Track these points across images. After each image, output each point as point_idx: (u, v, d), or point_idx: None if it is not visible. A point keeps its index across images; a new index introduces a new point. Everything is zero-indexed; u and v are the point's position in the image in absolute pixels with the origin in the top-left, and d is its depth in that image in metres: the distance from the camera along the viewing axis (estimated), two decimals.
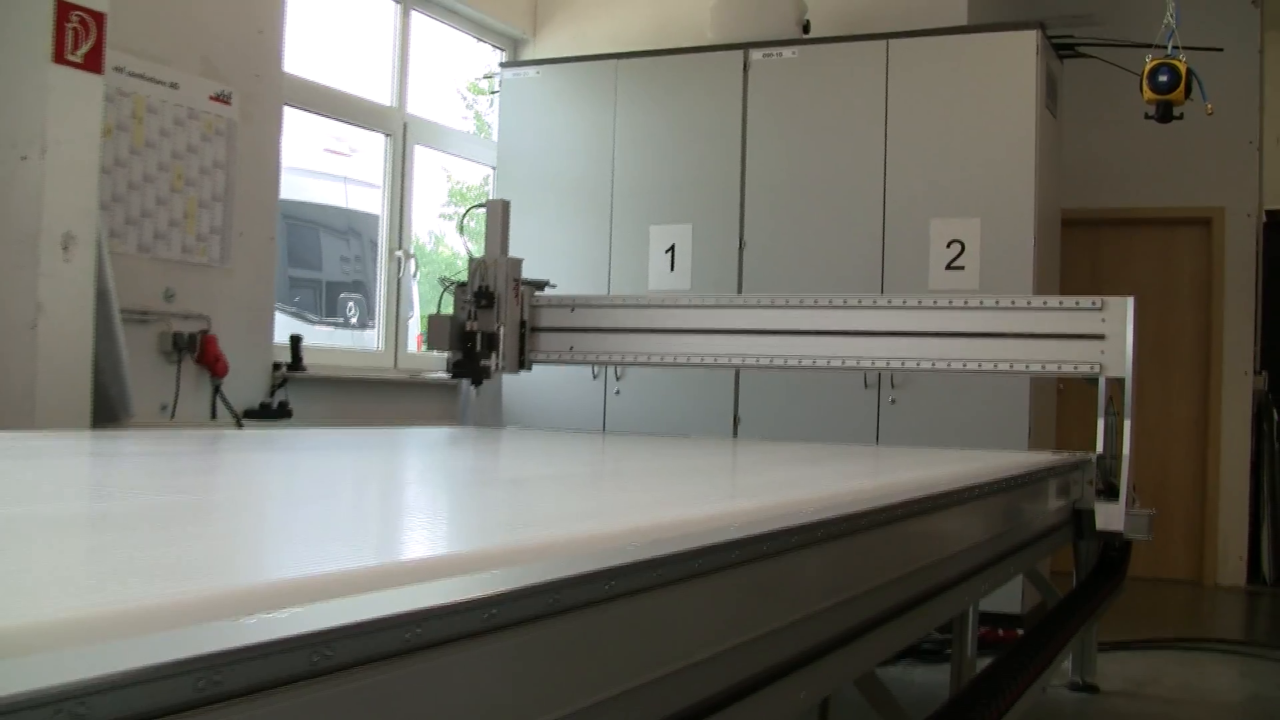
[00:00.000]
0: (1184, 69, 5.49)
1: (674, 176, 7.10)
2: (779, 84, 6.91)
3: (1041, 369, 4.89)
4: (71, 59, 4.70)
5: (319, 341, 7.13)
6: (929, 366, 5.00)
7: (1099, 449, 4.77)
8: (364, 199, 8.47)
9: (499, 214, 5.56)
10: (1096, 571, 4.68)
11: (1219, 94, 6.60)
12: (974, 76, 6.55)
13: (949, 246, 6.46)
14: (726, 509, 2.02)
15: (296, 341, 6.39)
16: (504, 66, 7.91)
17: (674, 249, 7.03)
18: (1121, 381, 4.75)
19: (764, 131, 6.92)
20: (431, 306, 5.97)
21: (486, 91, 8.35)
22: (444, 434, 5.06)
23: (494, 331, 5.43)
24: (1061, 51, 7.02)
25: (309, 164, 7.77)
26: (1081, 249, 8.54)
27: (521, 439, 4.71)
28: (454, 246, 9.22)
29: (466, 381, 5.64)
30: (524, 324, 5.54)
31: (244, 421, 6.01)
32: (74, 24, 4.70)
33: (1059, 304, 4.88)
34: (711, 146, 7.01)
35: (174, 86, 5.74)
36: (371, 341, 7.68)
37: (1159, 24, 5.87)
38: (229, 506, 1.93)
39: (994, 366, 4.92)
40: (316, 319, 8.41)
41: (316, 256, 8.95)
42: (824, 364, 5.23)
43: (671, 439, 5.05)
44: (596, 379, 7.05)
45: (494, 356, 5.45)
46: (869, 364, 5.22)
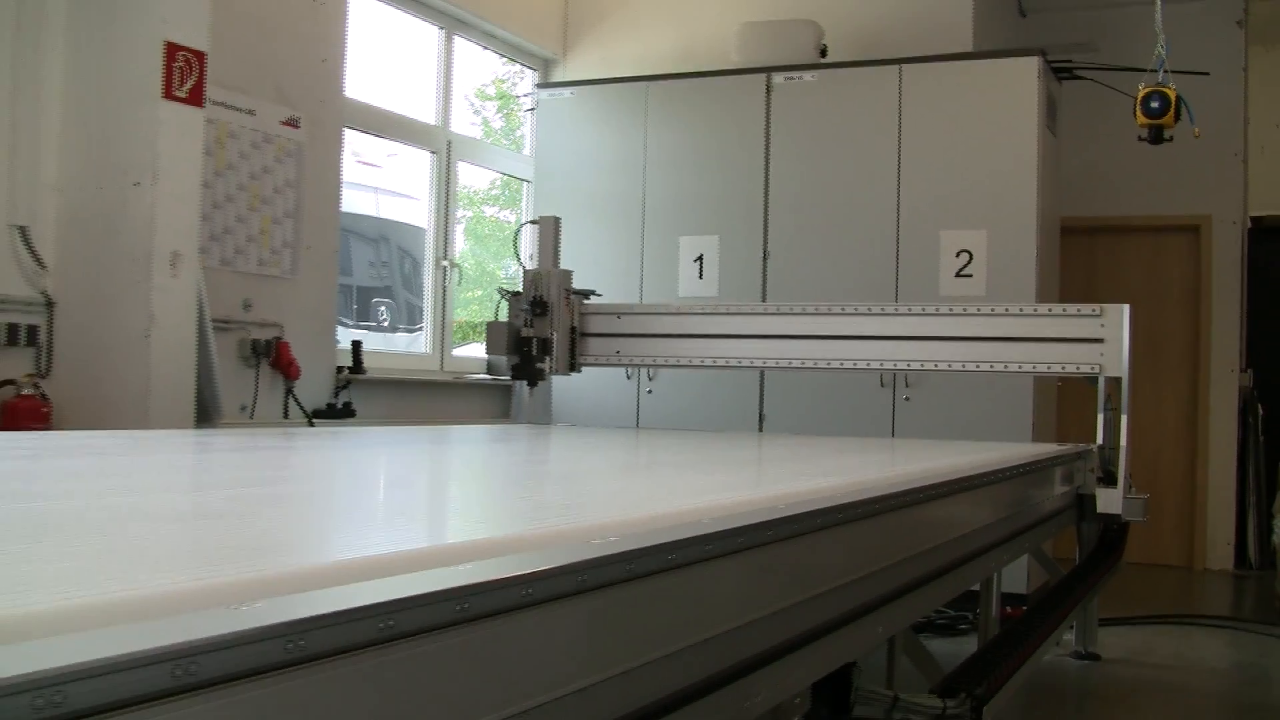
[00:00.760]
0: (1174, 96, 6.02)
1: (702, 190, 7.64)
2: (799, 105, 7.46)
3: (1047, 369, 5.45)
4: (178, 94, 5.24)
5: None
6: (945, 368, 5.55)
7: (1099, 441, 5.32)
8: (393, 208, 8.97)
9: (551, 230, 6.10)
10: (1098, 549, 5.22)
11: (1206, 109, 7.17)
12: (980, 98, 7.09)
13: (958, 255, 7.00)
14: (771, 493, 2.42)
15: (357, 346, 6.93)
16: (540, 87, 8.45)
17: (702, 258, 7.58)
18: (1119, 380, 5.30)
19: (786, 149, 7.46)
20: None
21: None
22: (505, 430, 5.60)
23: (548, 337, 5.97)
24: (1060, 75, 7.56)
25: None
26: (1079, 254, 9.07)
27: (579, 435, 5.25)
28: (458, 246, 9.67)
29: (521, 382, 6.17)
30: (574, 330, 6.07)
31: (314, 421, 6.53)
32: (180, 63, 5.24)
33: (1063, 311, 5.43)
34: (737, 163, 7.56)
35: (251, 113, 6.27)
36: (403, 344, 8.18)
37: (1149, 49, 6.38)
38: (335, 493, 2.41)
39: (1004, 367, 5.47)
40: (350, 323, 8.92)
41: (348, 262, 9.46)
42: (844, 366, 5.77)
43: (707, 434, 5.59)
44: (630, 379, 7.58)
45: (548, 360, 5.99)
46: (891, 365, 5.77)
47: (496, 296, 6.17)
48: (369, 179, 9.03)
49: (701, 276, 7.58)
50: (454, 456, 3.59)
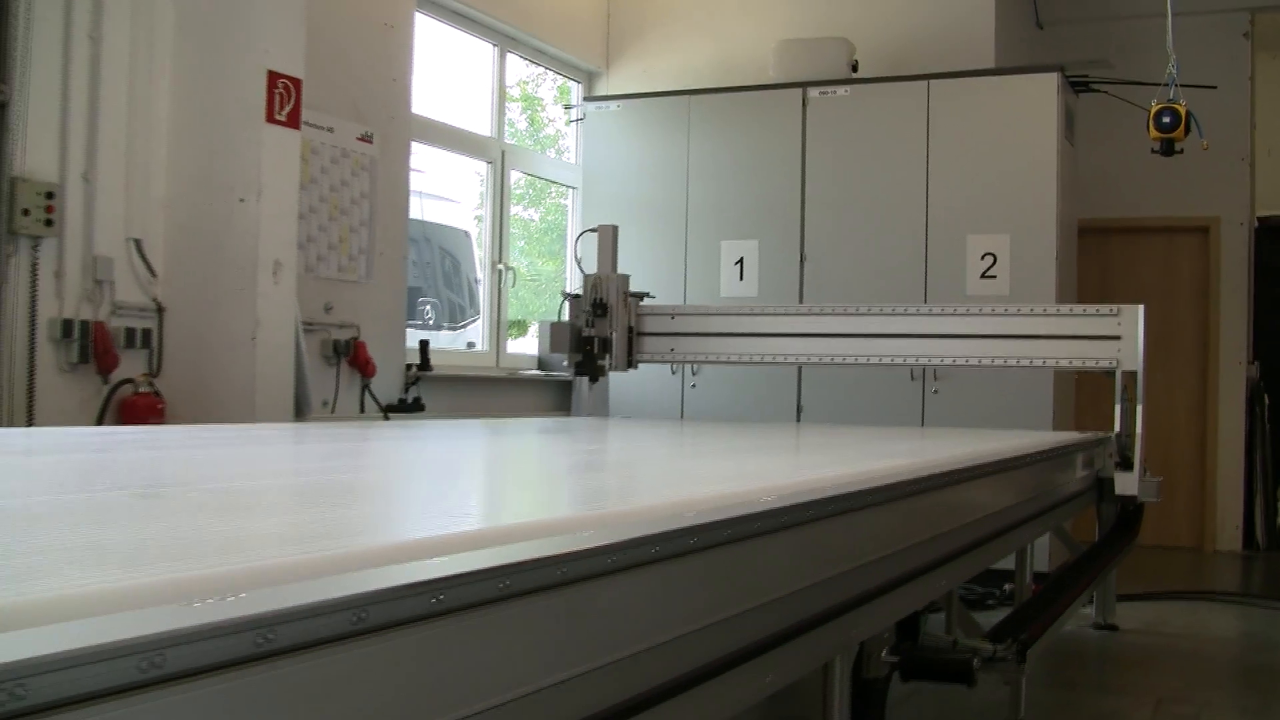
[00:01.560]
0: (1184, 112, 6.53)
1: (742, 197, 8.17)
2: (834, 117, 7.98)
3: (1069, 364, 5.97)
4: (278, 118, 5.78)
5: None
6: (974, 362, 6.07)
7: (1116, 429, 5.84)
8: (435, 210, 9.46)
9: (609, 238, 6.62)
10: (1116, 527, 5.74)
11: (1214, 116, 7.68)
12: (1003, 111, 7.61)
13: (983, 258, 7.52)
14: (855, 470, 2.85)
15: (425, 345, 7.46)
16: (587, 100, 8.99)
17: (743, 261, 8.11)
18: (1134, 374, 5.81)
19: (821, 158, 7.99)
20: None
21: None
22: (573, 422, 6.13)
23: (607, 336, 6.50)
24: (1077, 88, 8.07)
25: None
26: (1095, 254, 9.57)
27: (642, 426, 5.78)
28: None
29: (582, 378, 6.70)
30: (631, 330, 6.60)
31: (389, 415, 7.06)
32: (280, 90, 5.78)
33: (1083, 311, 5.95)
34: (775, 171, 8.09)
35: (330, 130, 6.79)
36: (447, 341, 8.69)
37: (1160, 61, 6.89)
38: (445, 478, 2.95)
39: (1029, 362, 5.99)
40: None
41: None
42: (876, 362, 6.30)
43: (755, 424, 6.11)
44: (675, 374, 8.10)
45: (608, 358, 6.52)
46: (921, 361, 6.30)
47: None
48: (413, 184, 9.56)
49: (742, 278, 8.10)
50: (548, 446, 4.11)
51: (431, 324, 9.46)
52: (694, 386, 8.17)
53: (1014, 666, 3.12)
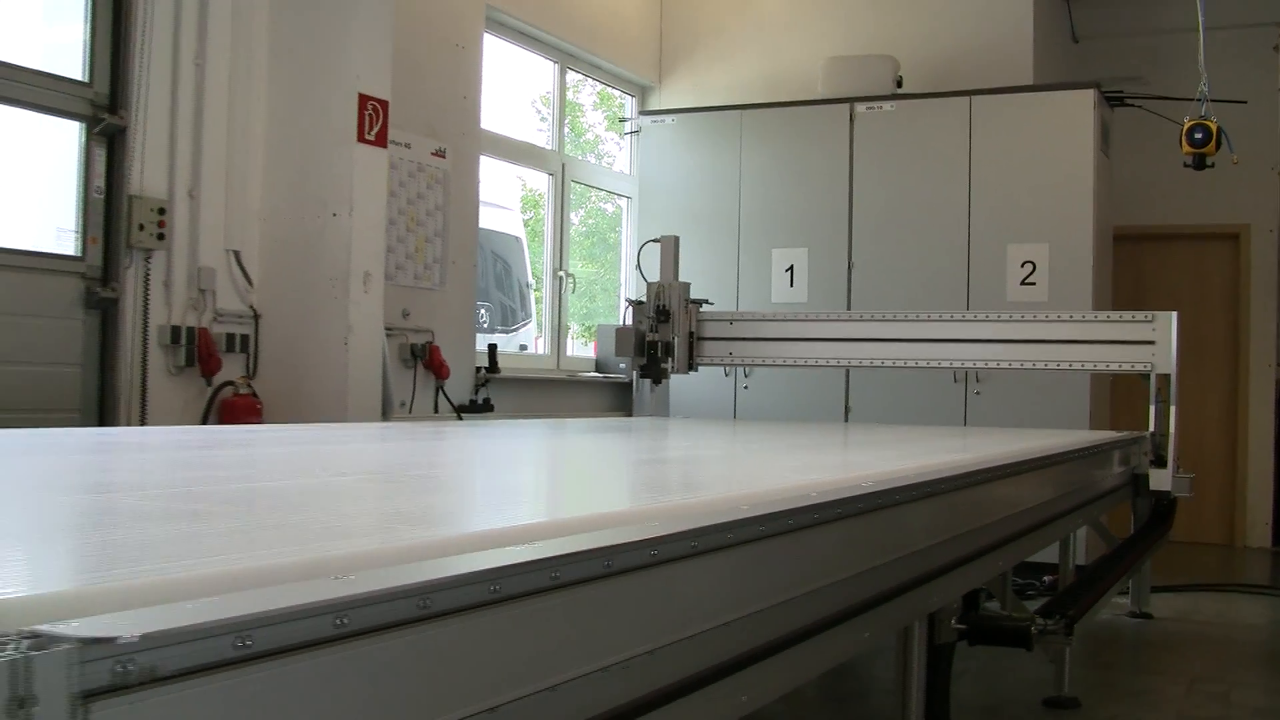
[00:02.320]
0: (1215, 128, 6.90)
1: (792, 207, 8.59)
2: (880, 131, 8.38)
3: (1106, 368, 6.36)
4: (368, 138, 6.22)
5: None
6: (1016, 366, 6.47)
7: (1151, 428, 6.22)
8: (487, 217, 9.84)
9: (671, 248, 7.04)
10: (1151, 520, 6.13)
11: (1244, 127, 8.03)
12: (1042, 126, 8.00)
13: (1023, 266, 7.91)
14: (884, 469, 3.23)
15: (494, 349, 7.88)
16: (643, 114, 9.42)
17: (793, 269, 8.52)
18: (1167, 377, 6.20)
19: (867, 170, 8.39)
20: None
21: (624, 133, 9.84)
22: (639, 422, 6.54)
23: (670, 341, 6.91)
24: (1112, 102, 8.45)
25: None
26: (1129, 260, 9.92)
27: (704, 425, 6.20)
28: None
29: (645, 380, 7.11)
30: (691, 334, 7.01)
31: (462, 415, 7.49)
32: (369, 111, 6.22)
33: (1119, 317, 6.34)
34: (823, 182, 8.49)
35: (407, 146, 7.22)
36: (502, 344, 9.05)
37: (1192, 74, 7.26)
38: (517, 474, 3.38)
39: (1068, 366, 6.38)
40: None
41: None
42: (922, 364, 6.69)
43: (811, 423, 6.53)
44: (728, 376, 8.51)
45: (670, 361, 6.93)
46: (964, 364, 6.69)
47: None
48: None
49: (792, 285, 8.51)
50: (625, 443, 4.52)
51: (485, 327, 9.88)
52: (746, 388, 8.58)
53: (1062, 638, 3.52)
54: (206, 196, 6.06)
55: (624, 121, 9.83)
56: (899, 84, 8.62)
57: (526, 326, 9.67)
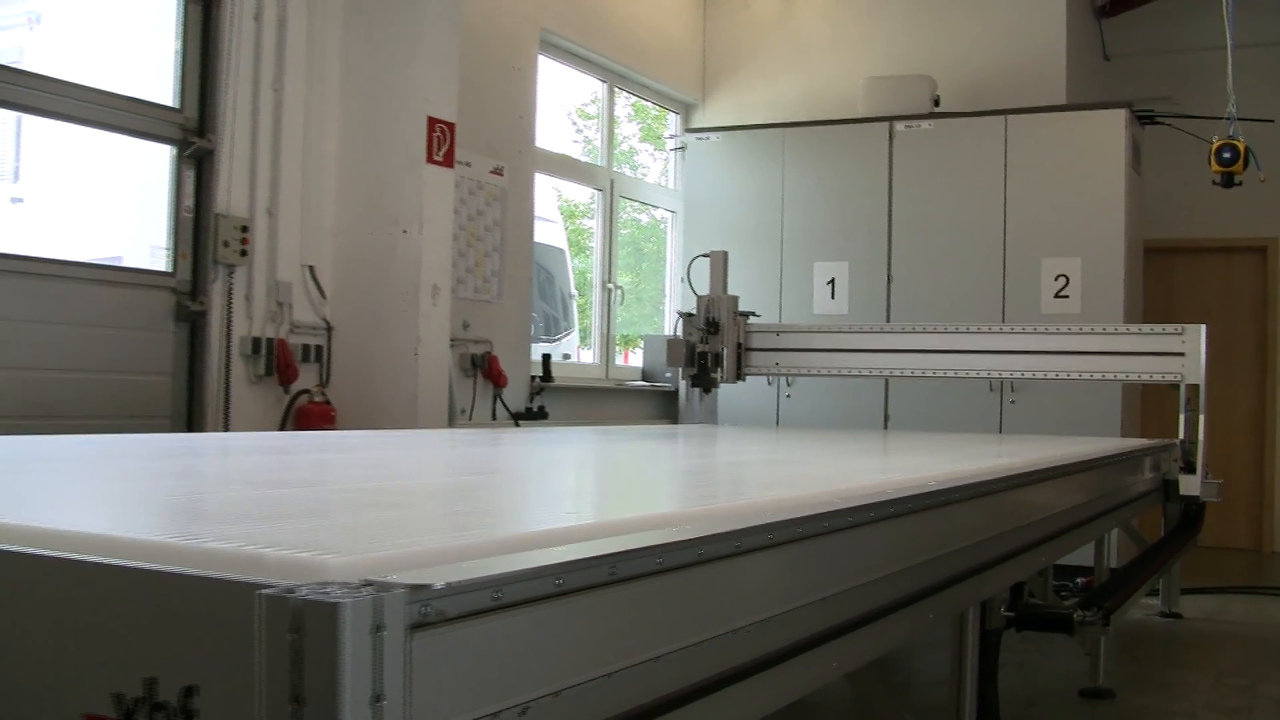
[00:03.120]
0: (1242, 148, 7.21)
1: (833, 222, 8.92)
2: (918, 149, 8.71)
3: (1137, 378, 6.67)
4: (436, 159, 6.57)
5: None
6: (1051, 376, 6.77)
7: (1180, 436, 6.52)
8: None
9: (720, 262, 7.36)
10: (1180, 523, 6.42)
11: (1273, 144, 8.32)
12: (1075, 145, 8.32)
13: (1056, 279, 8.22)
14: (940, 471, 3.56)
15: (548, 359, 8.23)
16: (688, 131, 9.77)
17: (834, 281, 8.85)
18: (1197, 387, 6.49)
19: (906, 186, 8.72)
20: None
21: (669, 150, 10.19)
22: (695, 429, 6.87)
23: (719, 352, 7.24)
24: (1143, 120, 8.75)
25: None
26: (1159, 272, 10.21)
27: (754, 432, 6.52)
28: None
29: (695, 389, 7.43)
30: (739, 345, 7.33)
31: (519, 422, 7.83)
32: (437, 133, 6.56)
33: (1150, 330, 6.64)
34: (864, 198, 8.82)
35: (468, 165, 7.56)
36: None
37: (1220, 98, 7.55)
38: (600, 475, 3.71)
39: (1101, 377, 6.68)
40: None
41: None
42: (960, 374, 7.00)
43: (857, 431, 6.85)
44: (771, 385, 8.83)
45: (719, 371, 7.26)
46: (1000, 374, 7.00)
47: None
48: None
49: (833, 297, 8.84)
50: (682, 449, 4.84)
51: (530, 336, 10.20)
52: (789, 396, 8.90)
53: (1099, 627, 3.83)
54: (284, 214, 6.42)
55: (670, 138, 10.16)
56: (936, 103, 8.93)
57: (569, 336, 9.99)
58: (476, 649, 1.29)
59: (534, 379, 8.15)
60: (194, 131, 6.02)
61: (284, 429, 6.36)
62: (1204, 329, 6.50)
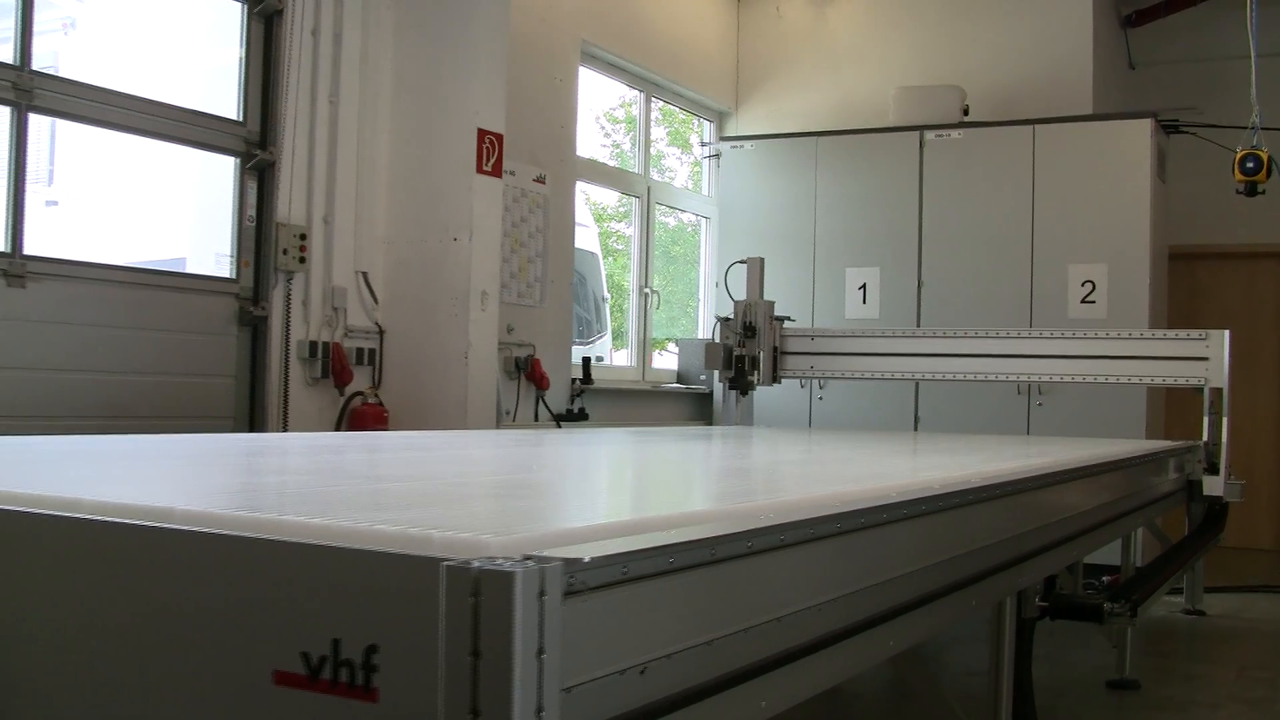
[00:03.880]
0: (1266, 158, 7.42)
1: (865, 229, 9.15)
2: (948, 157, 8.94)
3: (1162, 382, 6.89)
4: (485, 169, 6.83)
5: None
6: (1079, 379, 6.99)
7: (1204, 438, 6.73)
8: None
9: (757, 268, 7.60)
10: (1204, 523, 6.64)
11: None
12: (1101, 153, 8.53)
13: (1083, 285, 8.44)
14: (979, 470, 3.83)
15: (587, 362, 8.48)
16: (723, 139, 10.02)
17: (865, 287, 9.08)
18: (1220, 390, 6.71)
19: (936, 194, 8.95)
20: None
21: (703, 157, 10.43)
22: (731, 430, 7.10)
23: (756, 355, 7.48)
24: (1168, 129, 8.96)
25: None
26: (1183, 277, 10.40)
27: (792, 434, 6.75)
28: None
29: (732, 391, 7.67)
30: (775, 349, 7.56)
31: (560, 423, 8.07)
32: (486, 144, 6.82)
33: (1175, 335, 6.86)
34: (894, 205, 9.06)
35: (512, 174, 7.80)
36: (577, 354, 9.62)
37: (1245, 106, 7.76)
38: (651, 472, 3.95)
39: (1127, 380, 6.90)
40: None
41: None
42: (989, 378, 7.23)
43: (891, 432, 7.07)
44: (804, 388, 9.07)
45: (756, 374, 7.49)
46: (1028, 378, 7.23)
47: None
48: None
49: (865, 302, 9.07)
50: (735, 449, 5.07)
51: None
52: (821, 399, 9.14)
53: (1127, 619, 4.06)
54: (339, 223, 6.68)
55: (705, 145, 10.42)
56: (966, 113, 9.16)
57: (602, 338, 10.23)
58: (609, 615, 1.53)
59: (574, 381, 8.39)
60: (256, 144, 6.29)
61: (339, 429, 6.62)
62: (1227, 334, 6.71)
